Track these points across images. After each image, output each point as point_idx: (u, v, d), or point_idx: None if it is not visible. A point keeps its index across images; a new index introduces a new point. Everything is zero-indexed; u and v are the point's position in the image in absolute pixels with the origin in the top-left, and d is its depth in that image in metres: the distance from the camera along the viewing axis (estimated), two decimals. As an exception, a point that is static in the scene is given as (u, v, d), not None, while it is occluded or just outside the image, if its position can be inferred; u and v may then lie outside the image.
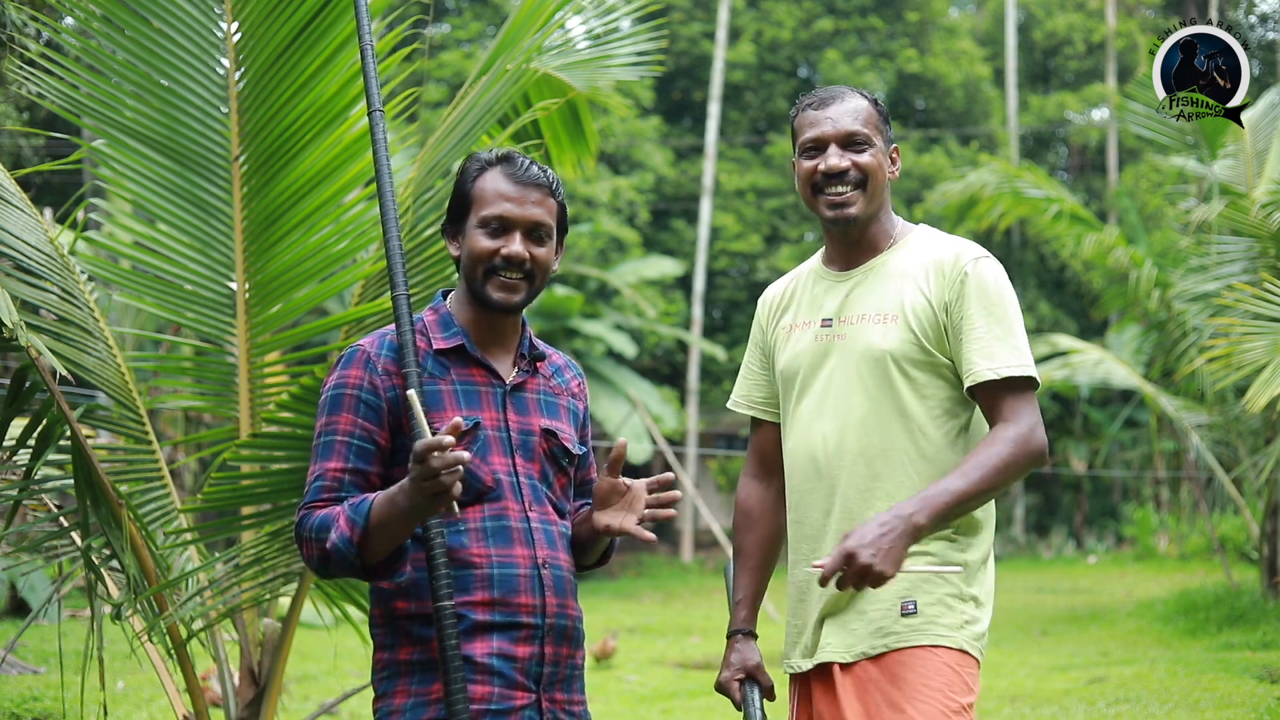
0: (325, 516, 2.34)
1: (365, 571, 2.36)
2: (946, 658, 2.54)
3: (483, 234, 2.45)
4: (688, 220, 22.91)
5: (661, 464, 22.52)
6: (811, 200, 2.70)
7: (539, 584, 2.41)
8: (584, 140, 4.65)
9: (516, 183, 2.46)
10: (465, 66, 19.97)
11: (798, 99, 2.78)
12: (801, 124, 2.71)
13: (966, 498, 2.47)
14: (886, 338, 2.62)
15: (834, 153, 2.65)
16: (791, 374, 2.74)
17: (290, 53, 3.83)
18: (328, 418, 2.43)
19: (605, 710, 7.86)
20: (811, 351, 2.70)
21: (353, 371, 2.43)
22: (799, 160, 2.71)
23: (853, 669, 2.58)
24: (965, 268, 2.63)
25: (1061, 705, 7.31)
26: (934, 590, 2.57)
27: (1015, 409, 2.55)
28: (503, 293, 2.45)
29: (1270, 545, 10.61)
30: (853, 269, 2.73)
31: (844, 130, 2.65)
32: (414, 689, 2.37)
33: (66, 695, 6.34)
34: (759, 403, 2.87)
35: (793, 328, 2.77)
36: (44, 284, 3.60)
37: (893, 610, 2.56)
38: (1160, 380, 13.35)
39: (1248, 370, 6.93)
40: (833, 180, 2.65)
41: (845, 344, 2.66)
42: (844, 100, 2.69)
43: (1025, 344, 2.63)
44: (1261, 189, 9.21)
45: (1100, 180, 26.18)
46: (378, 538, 2.30)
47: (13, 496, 3.73)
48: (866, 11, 24.98)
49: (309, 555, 2.37)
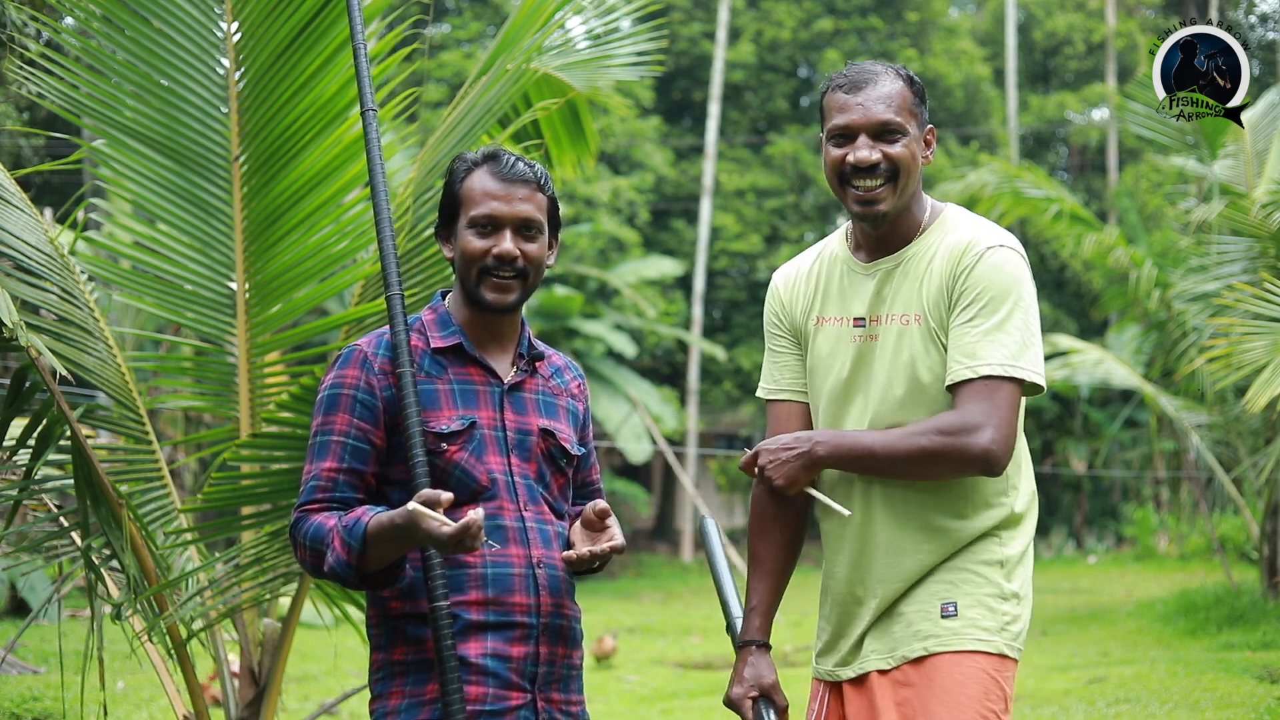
0: (319, 528, 2.34)
1: (363, 582, 2.35)
2: (984, 664, 2.47)
3: (473, 234, 2.44)
4: (688, 220, 22.90)
5: (662, 464, 22.52)
6: (840, 190, 2.54)
7: (534, 583, 2.40)
8: (584, 140, 4.65)
9: (503, 180, 2.44)
10: (465, 66, 19.97)
11: (830, 76, 2.58)
12: (831, 106, 2.53)
13: (874, 458, 2.46)
14: (918, 341, 2.51)
15: (864, 143, 2.48)
16: (825, 371, 2.61)
17: (290, 53, 3.83)
18: (324, 417, 2.42)
19: (605, 710, 7.86)
20: (846, 352, 2.58)
21: (349, 371, 2.42)
22: (826, 145, 2.54)
23: (891, 674, 2.51)
24: (976, 254, 2.48)
25: (1061, 705, 7.31)
26: (975, 590, 2.49)
27: (969, 402, 2.42)
28: (496, 293, 2.44)
29: (1270, 545, 10.61)
30: (879, 259, 2.58)
31: (876, 119, 2.48)
32: (409, 689, 2.37)
33: (66, 695, 6.34)
34: (789, 385, 2.71)
35: (822, 321, 2.63)
36: (44, 284, 3.60)
37: (932, 612, 2.49)
38: (1160, 380, 13.35)
39: (1248, 370, 6.93)
40: (862, 174, 2.49)
41: (879, 345, 2.55)
42: (877, 83, 2.50)
43: (1023, 341, 2.46)
44: (1261, 189, 9.21)
45: (1100, 180, 26.17)
46: (374, 557, 2.30)
47: (13, 496, 3.73)
48: (866, 11, 24.97)
49: (302, 559, 2.38)
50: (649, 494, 22.64)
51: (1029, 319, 2.48)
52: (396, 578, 2.37)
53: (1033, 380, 2.47)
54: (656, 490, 23.50)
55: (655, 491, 23.46)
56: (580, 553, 2.41)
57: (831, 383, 2.60)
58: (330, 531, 2.32)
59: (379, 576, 2.35)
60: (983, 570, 2.50)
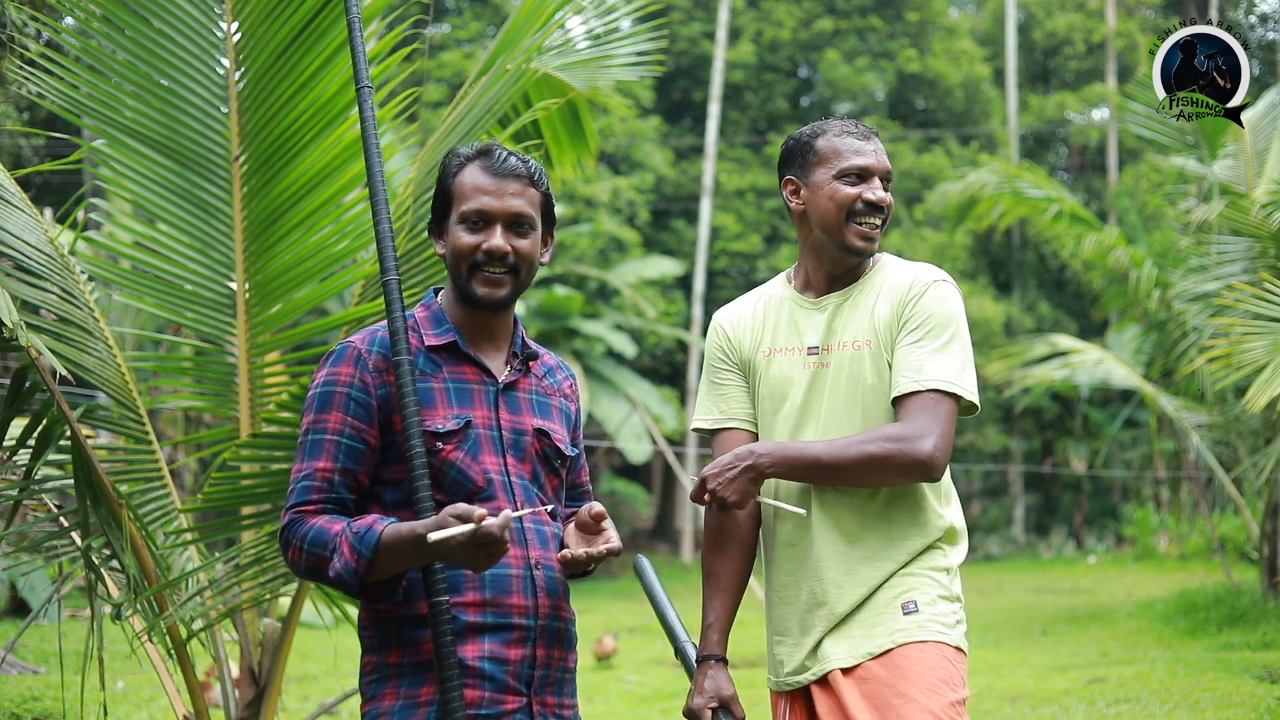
0: (321, 532, 2.29)
1: (363, 591, 2.32)
2: (946, 653, 2.66)
3: (464, 230, 2.42)
4: (688, 220, 22.90)
5: (662, 464, 22.52)
6: (840, 225, 2.73)
7: (531, 585, 2.38)
8: (584, 140, 4.65)
9: (494, 175, 2.43)
10: (465, 66, 19.97)
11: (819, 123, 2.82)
12: (843, 149, 2.75)
13: (819, 466, 2.61)
14: (868, 365, 2.71)
15: (879, 186, 2.74)
16: (779, 399, 2.78)
17: (290, 53, 3.83)
18: (316, 415, 2.37)
19: (605, 710, 7.86)
20: (801, 378, 2.76)
21: (343, 369, 2.38)
22: (835, 184, 2.73)
23: (855, 671, 2.64)
24: (918, 290, 2.71)
25: (1061, 705, 7.31)
26: (930, 591, 2.68)
27: (915, 413, 2.61)
28: (487, 288, 2.42)
29: (1270, 545, 10.61)
30: (829, 294, 2.80)
31: (886, 167, 2.76)
32: (404, 691, 2.34)
33: (66, 695, 6.34)
34: (736, 414, 2.84)
35: (773, 352, 2.81)
36: (44, 284, 3.60)
37: (895, 611, 2.66)
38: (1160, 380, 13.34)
39: (1248, 370, 6.93)
40: (873, 212, 2.73)
41: (832, 372, 2.74)
42: (878, 138, 2.80)
43: (961, 363, 2.66)
44: (1261, 189, 9.21)
45: (1100, 180, 26.17)
46: (384, 568, 2.26)
47: (13, 496, 3.73)
48: (866, 11, 24.97)
49: (294, 561, 2.32)
50: (649, 494, 22.65)
51: (967, 346, 2.72)
52: (394, 589, 2.34)
53: (969, 399, 2.68)
54: (656, 490, 23.50)
55: (655, 491, 23.47)
56: (576, 554, 2.40)
57: (786, 409, 2.77)
58: (336, 537, 2.27)
59: (379, 587, 2.32)
60: (934, 575, 2.70)
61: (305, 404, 2.42)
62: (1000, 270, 24.61)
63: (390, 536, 2.23)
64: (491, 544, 2.17)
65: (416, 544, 2.20)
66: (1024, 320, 23.14)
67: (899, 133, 24.41)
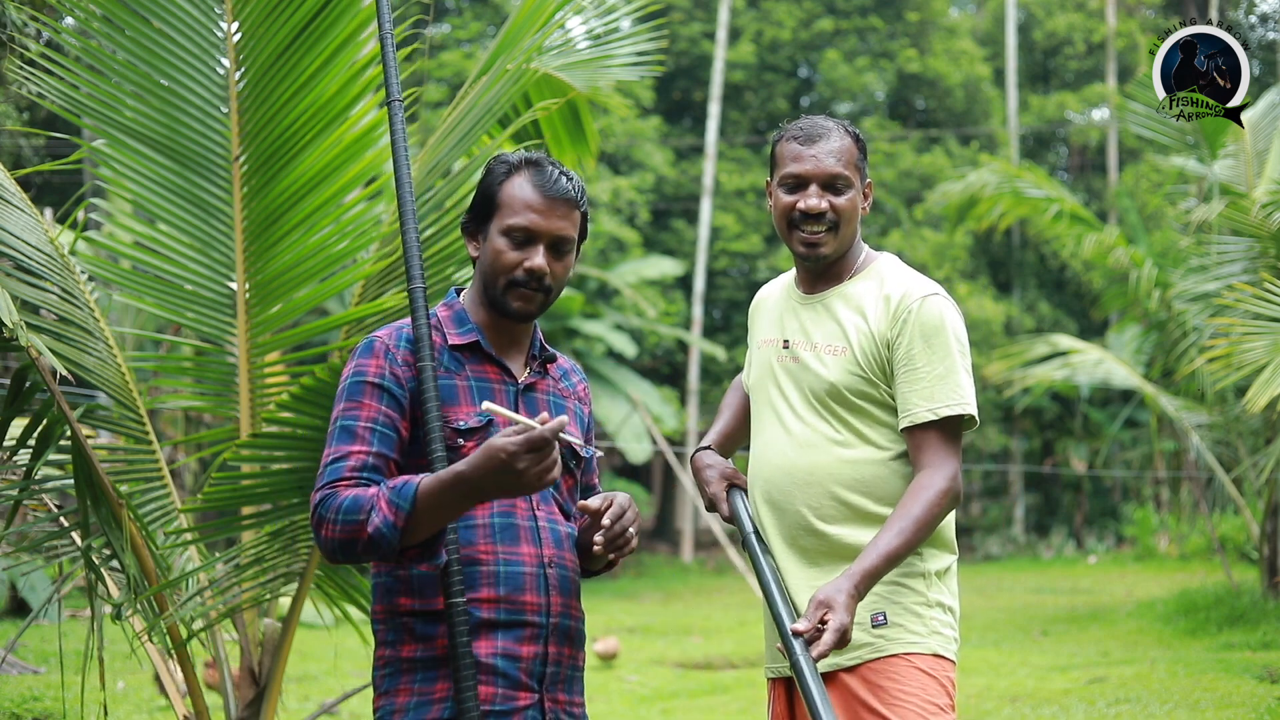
0: (356, 499, 2.26)
1: (402, 554, 2.28)
2: (920, 663, 2.65)
3: (506, 243, 2.42)
4: (688, 220, 22.91)
5: (662, 464, 22.53)
6: (786, 232, 2.78)
7: (544, 583, 2.40)
8: (584, 140, 4.65)
9: (545, 195, 2.42)
10: (465, 66, 19.97)
11: (782, 125, 2.83)
12: (784, 155, 2.76)
13: (899, 556, 2.59)
14: (833, 369, 2.73)
15: (814, 193, 2.71)
16: (759, 389, 2.88)
17: (290, 53, 3.83)
18: (348, 403, 2.37)
19: (606, 710, 7.86)
20: (769, 372, 2.83)
21: (373, 361, 2.40)
22: (777, 191, 2.77)
23: (833, 679, 2.67)
24: (910, 306, 2.69)
25: (1061, 705, 7.31)
26: (902, 599, 2.68)
27: (940, 454, 2.64)
28: (521, 303, 2.44)
29: (1270, 545, 10.61)
30: (814, 294, 2.83)
31: (827, 171, 2.71)
32: (417, 687, 2.35)
33: (66, 695, 6.35)
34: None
35: (762, 343, 2.89)
36: (44, 284, 3.60)
37: (864, 622, 2.67)
38: (1160, 380, 13.34)
39: (1248, 370, 6.93)
40: (810, 220, 2.72)
41: (796, 369, 2.78)
42: (829, 138, 2.73)
43: (967, 382, 2.69)
44: (1261, 189, 9.21)
45: (1100, 180, 26.17)
46: (423, 522, 2.23)
47: (13, 496, 3.74)
48: (866, 11, 24.97)
49: (328, 537, 2.27)
50: (649, 494, 22.66)
51: (966, 359, 2.72)
52: (436, 551, 2.30)
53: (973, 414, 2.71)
54: (657, 490, 23.51)
55: (655, 492, 23.47)
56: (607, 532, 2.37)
57: (759, 399, 2.87)
58: (373, 498, 2.24)
59: (417, 549, 2.29)
60: (907, 582, 2.69)
61: (336, 396, 2.41)
62: (1000, 270, 24.61)
63: (429, 483, 2.22)
64: (544, 448, 2.14)
65: (458, 486, 2.19)
66: (1024, 320, 23.14)
67: (899, 133, 24.41)
